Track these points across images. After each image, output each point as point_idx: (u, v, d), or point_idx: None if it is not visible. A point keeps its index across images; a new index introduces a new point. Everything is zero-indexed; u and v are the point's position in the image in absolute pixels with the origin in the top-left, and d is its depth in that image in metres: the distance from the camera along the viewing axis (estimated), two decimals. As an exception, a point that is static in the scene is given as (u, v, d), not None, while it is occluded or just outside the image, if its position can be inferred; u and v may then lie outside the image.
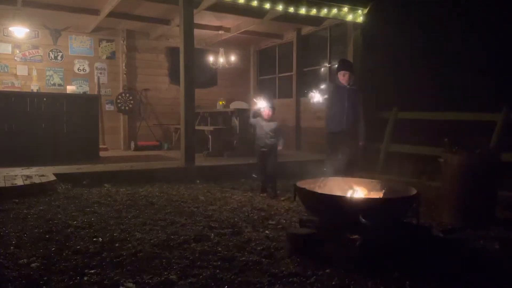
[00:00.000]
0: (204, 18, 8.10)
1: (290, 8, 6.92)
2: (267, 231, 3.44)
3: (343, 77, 5.23)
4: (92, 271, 2.53)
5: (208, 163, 6.69)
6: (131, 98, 9.35)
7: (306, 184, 3.44)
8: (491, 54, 7.31)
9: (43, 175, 5.21)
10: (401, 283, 2.39)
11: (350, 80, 5.26)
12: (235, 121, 8.27)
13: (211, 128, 8.16)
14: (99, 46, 9.27)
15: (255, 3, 6.59)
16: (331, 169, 4.79)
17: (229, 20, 8.50)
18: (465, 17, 7.53)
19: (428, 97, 7.30)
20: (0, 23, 8.23)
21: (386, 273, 2.49)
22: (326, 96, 5.41)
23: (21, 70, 8.55)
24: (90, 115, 7.10)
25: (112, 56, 9.38)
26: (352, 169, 5.05)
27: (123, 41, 9.31)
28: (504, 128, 5.57)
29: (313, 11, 7.07)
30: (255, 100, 5.22)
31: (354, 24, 7.40)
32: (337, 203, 3.06)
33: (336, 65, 5.69)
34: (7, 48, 8.44)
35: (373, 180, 3.74)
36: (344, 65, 5.32)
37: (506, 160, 4.57)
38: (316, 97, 5.20)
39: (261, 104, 5.06)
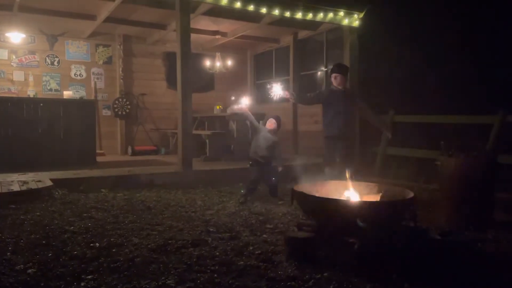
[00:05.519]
0: (201, 22, 8.12)
1: (286, 12, 6.94)
2: (264, 235, 3.43)
3: (334, 80, 5.23)
4: (89, 276, 2.51)
5: (206, 168, 6.69)
6: (128, 103, 9.35)
7: (303, 188, 3.44)
8: (487, 57, 7.35)
9: (39, 181, 5.19)
10: (399, 286, 2.39)
11: (344, 83, 5.24)
12: (233, 126, 8.28)
13: (209, 132, 8.15)
14: (96, 51, 9.27)
15: (251, 8, 6.61)
16: (329, 173, 4.79)
17: (225, 25, 8.52)
18: (461, 20, 7.57)
19: (425, 100, 7.32)
20: (-3, 29, 8.23)
21: (384, 276, 2.48)
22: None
23: (18, 76, 8.53)
24: (87, 120, 7.07)
25: (108, 61, 9.39)
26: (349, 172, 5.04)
27: (120, 46, 9.32)
28: (500, 131, 5.59)
29: (309, 16, 7.09)
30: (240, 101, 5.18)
31: (350, 28, 7.42)
32: (335, 206, 3.06)
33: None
34: (4, 54, 8.43)
35: (370, 183, 3.74)
36: (335, 68, 5.32)
37: (503, 162, 4.58)
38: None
39: (244, 102, 5.04)
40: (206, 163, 7.35)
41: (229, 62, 9.63)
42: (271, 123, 5.02)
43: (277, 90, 5.02)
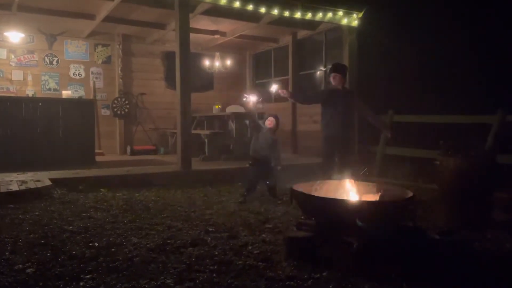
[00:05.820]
0: (200, 22, 8.12)
1: (285, 12, 6.95)
2: (264, 235, 3.43)
3: (333, 80, 5.23)
4: (88, 276, 2.51)
5: (205, 167, 6.68)
6: (127, 102, 9.34)
7: (302, 188, 3.43)
8: (486, 57, 7.36)
9: (38, 180, 5.18)
10: (398, 286, 2.39)
11: (342, 83, 5.23)
12: (232, 125, 8.27)
13: (208, 132, 8.15)
14: (95, 51, 9.26)
15: (250, 7, 6.60)
16: (327, 172, 4.78)
17: (225, 24, 8.52)
18: (460, 20, 7.57)
19: (424, 100, 7.32)
20: (-5, 28, 8.21)
21: (383, 275, 2.48)
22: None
23: (16, 75, 8.52)
24: (85, 120, 7.07)
25: (107, 61, 9.38)
26: (347, 172, 5.03)
27: (119, 46, 9.31)
28: (499, 131, 5.59)
29: (308, 15, 7.09)
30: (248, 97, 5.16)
31: (349, 28, 7.43)
32: (334, 206, 3.05)
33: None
34: (2, 53, 8.42)
35: (369, 183, 3.74)
36: (334, 68, 5.31)
37: (503, 162, 4.58)
38: None
39: (253, 98, 5.03)
40: (205, 163, 7.35)
41: (228, 62, 9.63)
42: (270, 121, 5.03)
43: (275, 89, 5.03)
